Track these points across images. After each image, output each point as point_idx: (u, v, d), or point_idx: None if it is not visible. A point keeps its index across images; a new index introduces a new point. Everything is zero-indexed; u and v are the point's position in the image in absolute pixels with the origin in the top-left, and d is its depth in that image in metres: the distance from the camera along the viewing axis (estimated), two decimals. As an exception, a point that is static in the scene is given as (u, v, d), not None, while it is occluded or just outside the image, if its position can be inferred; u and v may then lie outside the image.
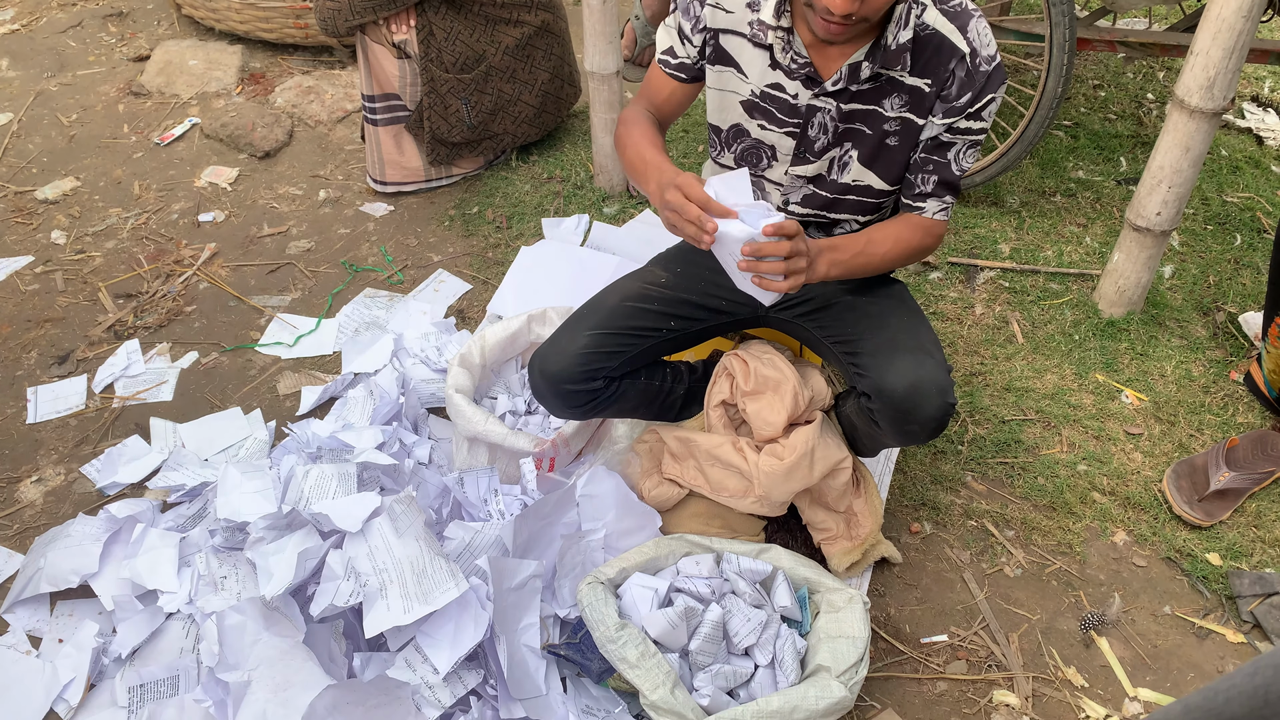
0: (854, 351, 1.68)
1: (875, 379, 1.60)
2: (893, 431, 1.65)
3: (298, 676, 1.57)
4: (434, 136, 2.82)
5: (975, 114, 1.56)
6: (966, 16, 1.51)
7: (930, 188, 1.64)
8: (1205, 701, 0.57)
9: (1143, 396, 2.27)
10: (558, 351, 1.71)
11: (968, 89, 1.53)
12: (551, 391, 1.73)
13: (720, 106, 1.68)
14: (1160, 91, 3.44)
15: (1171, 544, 1.97)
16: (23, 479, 2.12)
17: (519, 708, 1.58)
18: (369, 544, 1.65)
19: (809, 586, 1.77)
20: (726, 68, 1.63)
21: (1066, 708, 1.72)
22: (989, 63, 1.52)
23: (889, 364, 1.60)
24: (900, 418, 1.60)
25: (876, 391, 1.60)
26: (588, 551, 1.81)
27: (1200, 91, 2.07)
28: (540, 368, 1.72)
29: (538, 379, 1.73)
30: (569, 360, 1.70)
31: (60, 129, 3.32)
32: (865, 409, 1.67)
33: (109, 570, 1.83)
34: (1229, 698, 0.56)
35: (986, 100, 1.54)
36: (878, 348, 1.64)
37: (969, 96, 1.53)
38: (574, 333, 1.73)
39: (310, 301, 2.60)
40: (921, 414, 1.58)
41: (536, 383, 1.74)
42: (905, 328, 1.68)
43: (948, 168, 1.62)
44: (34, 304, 2.60)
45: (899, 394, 1.57)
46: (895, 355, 1.61)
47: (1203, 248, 2.73)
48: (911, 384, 1.57)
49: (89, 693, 1.71)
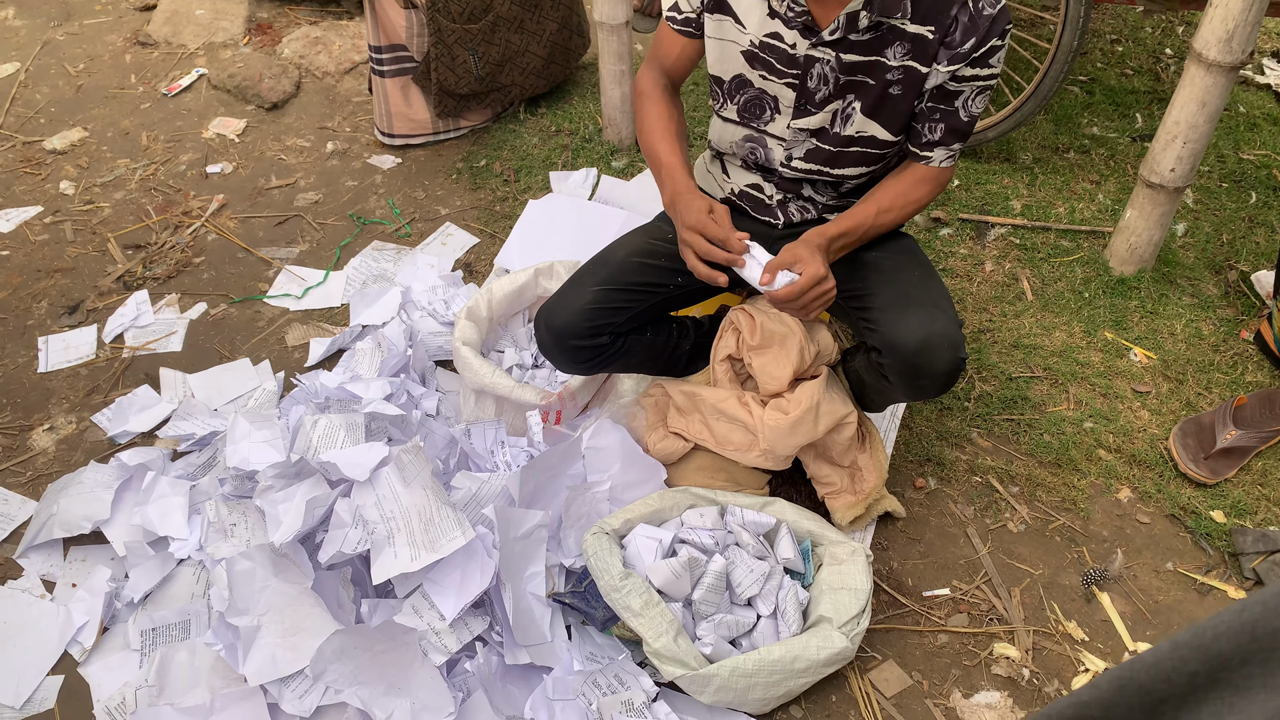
0: (865, 306, 1.67)
1: (886, 334, 1.59)
2: (903, 386, 1.64)
3: (306, 622, 1.59)
4: (441, 88, 2.80)
5: (981, 60, 1.53)
6: None
7: (938, 135, 1.62)
8: (1193, 638, 0.58)
9: (1151, 354, 2.26)
10: (564, 307, 1.71)
11: (971, 34, 1.50)
12: (558, 347, 1.73)
13: (721, 57, 1.66)
14: (1179, 46, 3.38)
15: (1176, 501, 1.97)
16: (35, 427, 2.14)
17: (524, 653, 1.61)
18: (377, 493, 1.66)
19: (812, 539, 1.78)
20: (725, 17, 1.61)
21: (1066, 660, 1.74)
22: (992, 5, 1.49)
23: (900, 319, 1.59)
24: (911, 372, 1.59)
25: (888, 346, 1.60)
26: (593, 503, 1.82)
27: (1218, 45, 2.03)
28: (546, 323, 1.72)
29: (544, 334, 1.74)
30: (575, 316, 1.70)
31: (67, 79, 3.31)
32: (875, 364, 1.67)
33: (120, 517, 1.86)
34: (1217, 634, 0.56)
35: (991, 44, 1.51)
36: (889, 302, 1.63)
37: (973, 41, 1.50)
38: (580, 288, 1.72)
39: (318, 254, 2.60)
40: (932, 369, 1.58)
41: (543, 338, 1.74)
42: (916, 282, 1.66)
43: (956, 115, 1.59)
44: (44, 254, 2.61)
45: (910, 349, 1.57)
46: (907, 310, 1.60)
47: (1217, 205, 2.70)
48: (923, 339, 1.56)
49: (102, 635, 1.74)
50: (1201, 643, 0.57)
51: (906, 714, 1.66)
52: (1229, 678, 0.56)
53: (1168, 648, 0.59)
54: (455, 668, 1.63)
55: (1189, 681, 0.58)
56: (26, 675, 1.69)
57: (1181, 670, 0.58)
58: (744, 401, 1.82)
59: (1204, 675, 0.57)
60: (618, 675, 1.59)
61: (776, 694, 1.58)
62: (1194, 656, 0.58)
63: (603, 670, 1.60)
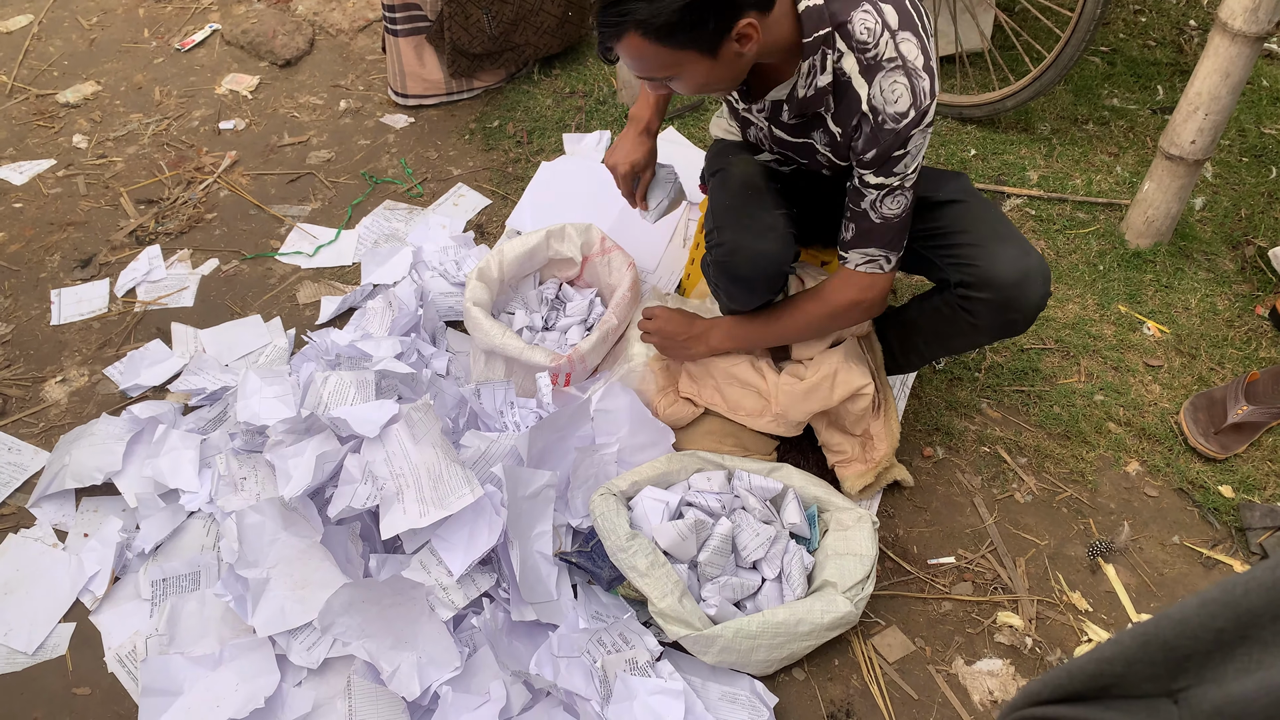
0: (953, 244, 1.64)
1: (985, 268, 1.58)
2: (994, 323, 1.63)
3: (315, 575, 1.61)
4: (455, 47, 2.78)
5: (884, 169, 1.48)
6: (877, 70, 1.40)
7: (850, 235, 1.58)
8: (1223, 594, 0.57)
9: (1165, 329, 2.25)
10: (765, 231, 1.63)
11: (873, 145, 1.45)
12: (772, 275, 1.66)
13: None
14: (1203, 18, 3.33)
15: (1185, 475, 1.97)
16: (47, 379, 2.15)
17: (530, 610, 1.62)
18: (386, 449, 1.67)
19: (818, 505, 1.79)
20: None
21: (1069, 630, 1.74)
22: (895, 120, 1.41)
23: (999, 253, 1.58)
24: (1005, 306, 1.59)
25: (984, 281, 1.58)
26: (601, 465, 1.83)
27: (1244, 14, 2.00)
28: (756, 250, 1.64)
29: (750, 266, 1.65)
30: (782, 239, 1.64)
31: (81, 32, 3.29)
32: (962, 301, 1.64)
33: (132, 469, 1.87)
34: (1248, 589, 0.56)
35: (893, 155, 1.45)
36: (983, 238, 1.61)
37: (874, 153, 1.46)
38: (762, 215, 1.65)
39: (330, 212, 2.60)
40: (1027, 302, 1.58)
41: (746, 271, 1.66)
42: (999, 218, 1.65)
43: (866, 216, 1.54)
44: (56, 207, 2.61)
45: (1011, 280, 1.56)
46: (1002, 244, 1.59)
47: (1236, 180, 2.67)
48: (1022, 271, 1.56)
49: (113, 585, 1.76)
50: (1231, 599, 0.57)
51: (908, 679, 1.67)
52: (1258, 634, 0.56)
53: (1195, 604, 0.59)
54: (462, 623, 1.64)
55: (1215, 638, 0.58)
56: (39, 622, 1.71)
57: (1209, 626, 0.58)
58: (757, 367, 1.82)
59: (1231, 631, 0.57)
60: (622, 634, 1.60)
61: (779, 656, 1.59)
62: (1223, 612, 0.57)
63: (608, 629, 1.61)
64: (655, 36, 1.32)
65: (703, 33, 1.32)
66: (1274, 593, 0.55)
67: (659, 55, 1.35)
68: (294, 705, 1.55)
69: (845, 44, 1.41)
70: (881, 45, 1.39)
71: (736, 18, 1.32)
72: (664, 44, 1.33)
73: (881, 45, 1.39)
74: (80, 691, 1.64)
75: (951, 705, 1.64)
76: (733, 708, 1.57)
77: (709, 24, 1.31)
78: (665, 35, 1.32)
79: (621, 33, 1.33)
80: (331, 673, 1.60)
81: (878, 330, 1.91)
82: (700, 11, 1.29)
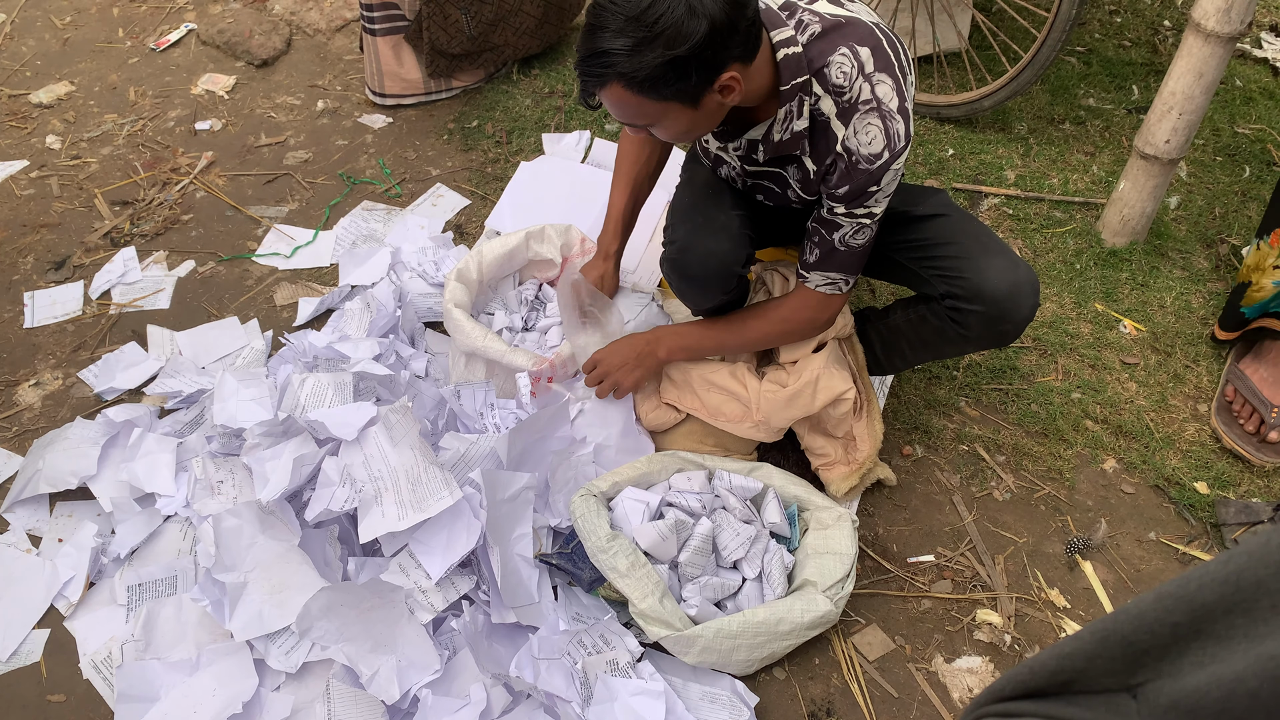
0: (940, 256, 1.66)
1: (974, 280, 1.60)
2: (983, 333, 1.65)
3: (293, 578, 1.59)
4: (433, 47, 2.77)
5: (856, 205, 1.52)
6: (852, 113, 1.44)
7: (814, 258, 1.62)
8: (1178, 589, 0.58)
9: (1141, 327, 2.27)
10: (717, 231, 1.65)
11: (846, 181, 1.49)
12: (722, 275, 1.67)
13: None
14: (1178, 19, 3.36)
15: (1161, 472, 1.98)
16: (20, 382, 2.13)
17: (511, 613, 1.61)
18: (364, 452, 1.66)
19: (799, 504, 1.79)
20: None
21: (1047, 627, 1.75)
22: (869, 162, 1.45)
23: (987, 266, 1.60)
24: (997, 318, 1.61)
25: (975, 294, 1.60)
26: (580, 466, 1.82)
27: (1217, 15, 2.02)
28: (706, 249, 1.65)
29: (701, 265, 1.67)
30: (735, 239, 1.65)
31: (54, 31, 3.26)
32: (951, 313, 1.66)
33: (107, 473, 1.85)
34: (1201, 584, 0.57)
35: (867, 192, 1.49)
36: (970, 250, 1.63)
37: (847, 189, 1.50)
38: (716, 215, 1.67)
39: (307, 213, 2.58)
40: (1018, 314, 1.60)
41: (696, 270, 1.67)
42: (984, 230, 1.67)
43: (832, 245, 1.58)
44: (30, 209, 2.58)
45: (1001, 294, 1.58)
46: (991, 257, 1.61)
47: (1210, 179, 2.70)
48: (1012, 283, 1.58)
49: (88, 590, 1.74)
50: (1186, 593, 0.57)
51: (889, 677, 1.67)
52: (1211, 628, 0.56)
53: (1151, 599, 0.59)
54: (441, 626, 1.63)
55: (1171, 632, 0.58)
56: (12, 628, 1.69)
57: (1165, 620, 0.58)
58: (737, 375, 1.82)
59: (1186, 625, 0.57)
60: (603, 635, 1.60)
61: (760, 655, 1.59)
62: (1177, 607, 0.58)
63: (588, 630, 1.61)
64: (638, 89, 1.33)
65: (685, 85, 1.33)
66: (1226, 587, 0.55)
67: (642, 105, 1.37)
68: (272, 710, 1.54)
69: (822, 87, 1.44)
70: (856, 89, 1.43)
71: (720, 71, 1.33)
72: (647, 95, 1.34)
73: (856, 89, 1.43)
74: (55, 699, 1.62)
75: (931, 703, 1.64)
76: (714, 708, 1.57)
77: (691, 78, 1.32)
78: (648, 88, 1.33)
79: (604, 83, 1.34)
80: (310, 677, 1.59)
81: (859, 330, 1.91)
82: (684, 66, 1.30)
